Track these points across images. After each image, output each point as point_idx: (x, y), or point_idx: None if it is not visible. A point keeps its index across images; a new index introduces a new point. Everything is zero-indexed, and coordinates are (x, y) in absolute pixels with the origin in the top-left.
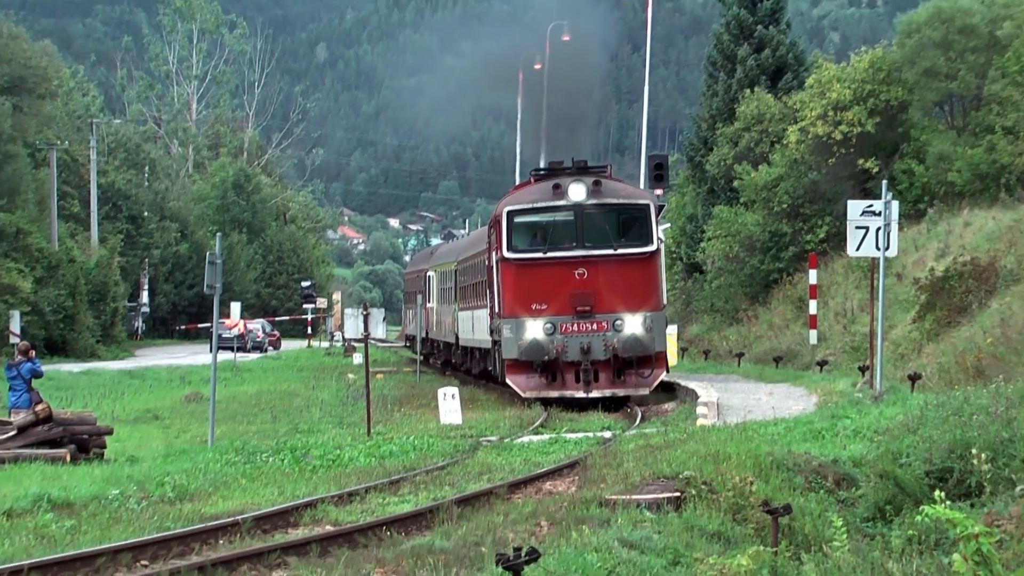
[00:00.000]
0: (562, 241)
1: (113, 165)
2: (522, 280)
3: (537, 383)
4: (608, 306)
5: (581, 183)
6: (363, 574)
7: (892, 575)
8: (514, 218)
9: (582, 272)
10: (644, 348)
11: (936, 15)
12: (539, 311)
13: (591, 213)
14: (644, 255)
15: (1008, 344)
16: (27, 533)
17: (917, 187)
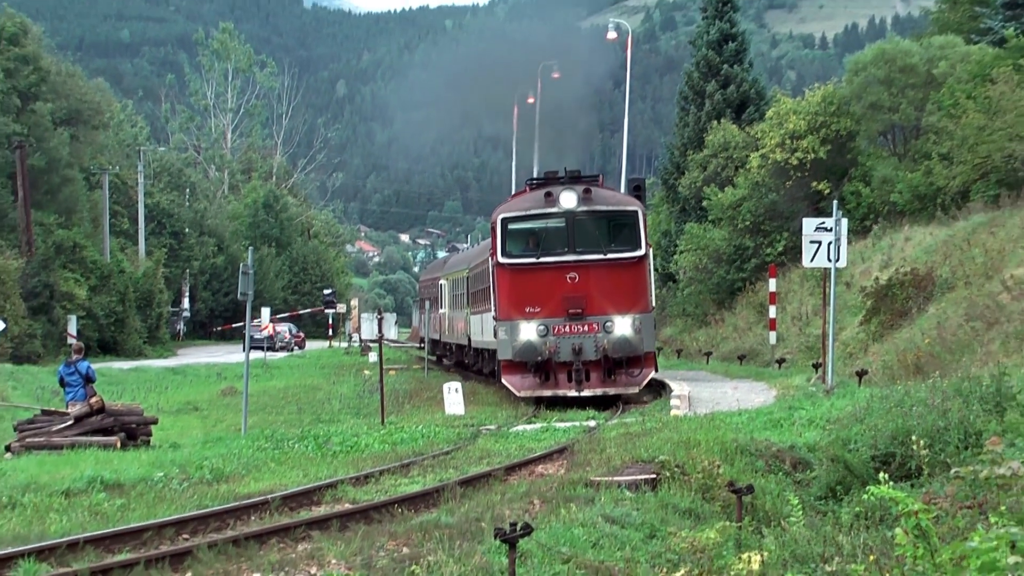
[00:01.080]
0: (554, 246)
1: (158, 187)
2: (516, 284)
3: (531, 383)
4: (599, 308)
5: (572, 191)
6: (378, 546)
7: (842, 547)
8: (508, 225)
9: (573, 276)
10: (633, 348)
11: (880, 55)
12: (533, 314)
13: (582, 220)
14: (633, 259)
15: (943, 344)
16: (83, 510)
17: (863, 206)
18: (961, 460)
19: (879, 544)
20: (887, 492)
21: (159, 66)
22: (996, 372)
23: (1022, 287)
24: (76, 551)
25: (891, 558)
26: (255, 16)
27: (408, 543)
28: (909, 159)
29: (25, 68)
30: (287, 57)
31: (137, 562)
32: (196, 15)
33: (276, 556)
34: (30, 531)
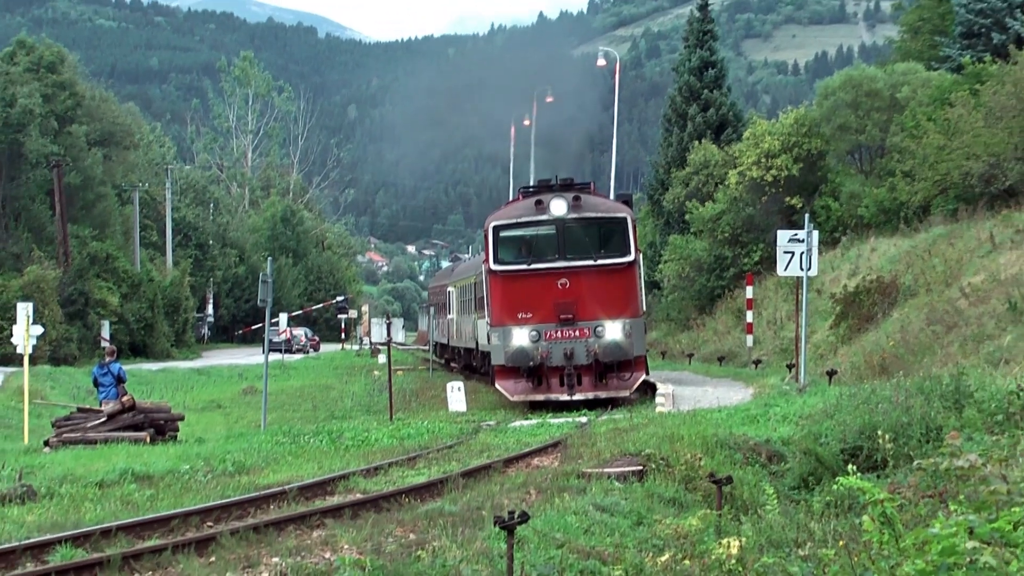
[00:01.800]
0: (545, 253)
1: (184, 203)
2: (508, 290)
3: (524, 387)
4: (589, 314)
5: (562, 198)
6: (386, 533)
7: (814, 533)
8: (500, 232)
9: (564, 282)
10: (623, 353)
11: (848, 81)
12: (525, 319)
13: (572, 226)
14: (622, 265)
15: (907, 346)
16: (115, 500)
17: (833, 220)
18: (923, 453)
19: (848, 530)
20: (855, 483)
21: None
22: (955, 372)
23: (978, 294)
24: (109, 537)
25: (859, 543)
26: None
27: (415, 530)
28: (875, 176)
29: (62, 93)
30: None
31: (165, 547)
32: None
33: (293, 542)
34: (67, 519)
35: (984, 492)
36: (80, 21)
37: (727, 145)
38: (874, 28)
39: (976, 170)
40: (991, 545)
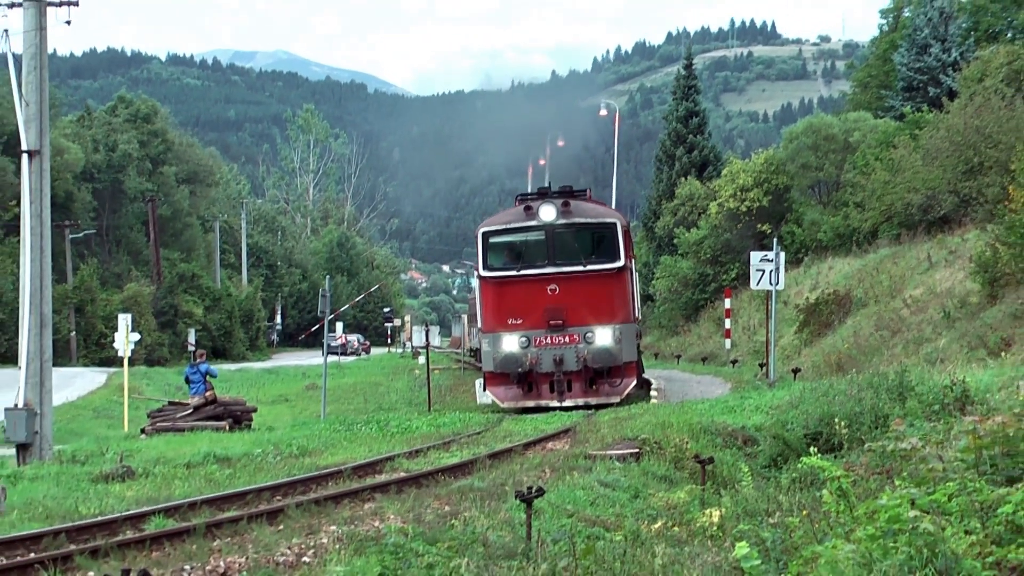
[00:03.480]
0: (535, 259)
1: (256, 231)
2: (499, 297)
3: (514, 393)
4: (579, 320)
5: (551, 204)
6: (426, 505)
7: (782, 504)
8: (489, 239)
9: (554, 288)
10: (614, 359)
11: (808, 127)
12: (515, 325)
13: (561, 232)
14: (612, 271)
15: (859, 348)
16: (200, 478)
17: (797, 243)
18: (872, 437)
19: (810, 502)
20: (816, 462)
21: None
22: (899, 370)
23: (918, 304)
24: (195, 509)
25: (820, 513)
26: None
27: (449, 502)
28: (831, 206)
29: (155, 140)
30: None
31: (241, 518)
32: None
33: (348, 513)
34: (159, 494)
35: (923, 470)
36: (170, 80)
37: (708, 181)
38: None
39: (916, 201)
40: (929, 514)
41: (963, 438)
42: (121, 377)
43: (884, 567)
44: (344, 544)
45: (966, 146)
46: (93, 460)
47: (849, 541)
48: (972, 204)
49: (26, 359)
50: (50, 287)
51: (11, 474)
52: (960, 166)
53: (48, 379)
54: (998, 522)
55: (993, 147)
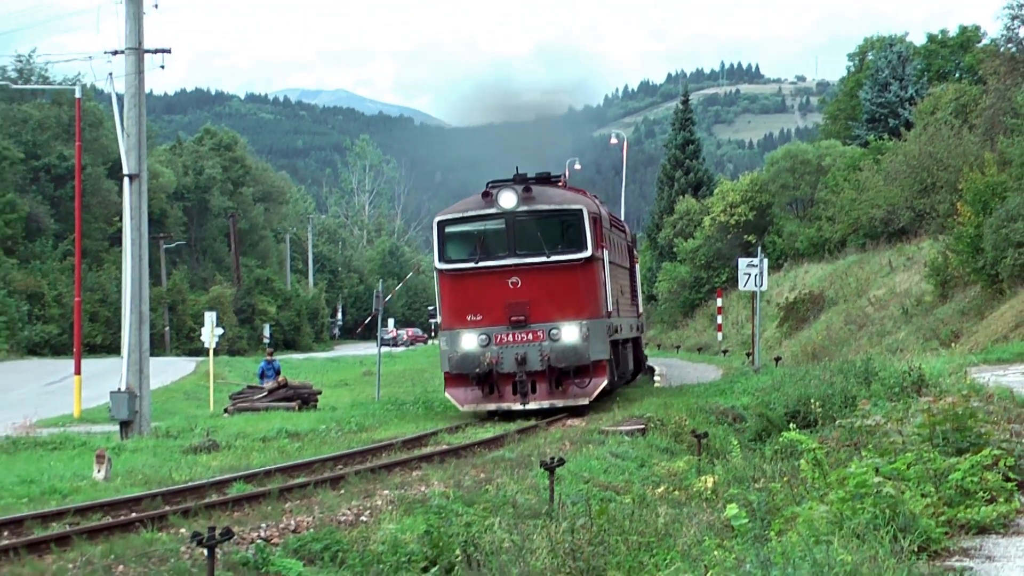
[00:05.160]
0: (495, 250)
1: (321, 241)
2: (456, 291)
3: (474, 396)
4: (543, 315)
5: (511, 190)
6: (464, 472)
7: (766, 472)
8: (445, 228)
9: (515, 281)
10: (580, 357)
11: (787, 153)
12: (475, 322)
13: (522, 220)
14: (578, 262)
15: (830, 340)
16: (273, 450)
17: (778, 251)
18: (843, 415)
19: (790, 470)
20: (795, 436)
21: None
22: (865, 358)
23: (881, 303)
24: (270, 476)
25: (798, 479)
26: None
27: (484, 470)
28: (807, 220)
29: (235, 165)
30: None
31: (309, 483)
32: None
33: (399, 479)
34: (240, 463)
35: (886, 443)
36: (248, 114)
37: (702, 199)
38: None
39: (878, 215)
40: (891, 480)
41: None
42: (207, 365)
43: (853, 525)
44: (395, 506)
45: (921, 169)
46: (184, 435)
47: (823, 503)
48: (926, 218)
49: (127, 350)
50: (147, 289)
51: (115, 447)
52: (916, 186)
53: (146, 367)
54: (949, 487)
55: (944, 170)
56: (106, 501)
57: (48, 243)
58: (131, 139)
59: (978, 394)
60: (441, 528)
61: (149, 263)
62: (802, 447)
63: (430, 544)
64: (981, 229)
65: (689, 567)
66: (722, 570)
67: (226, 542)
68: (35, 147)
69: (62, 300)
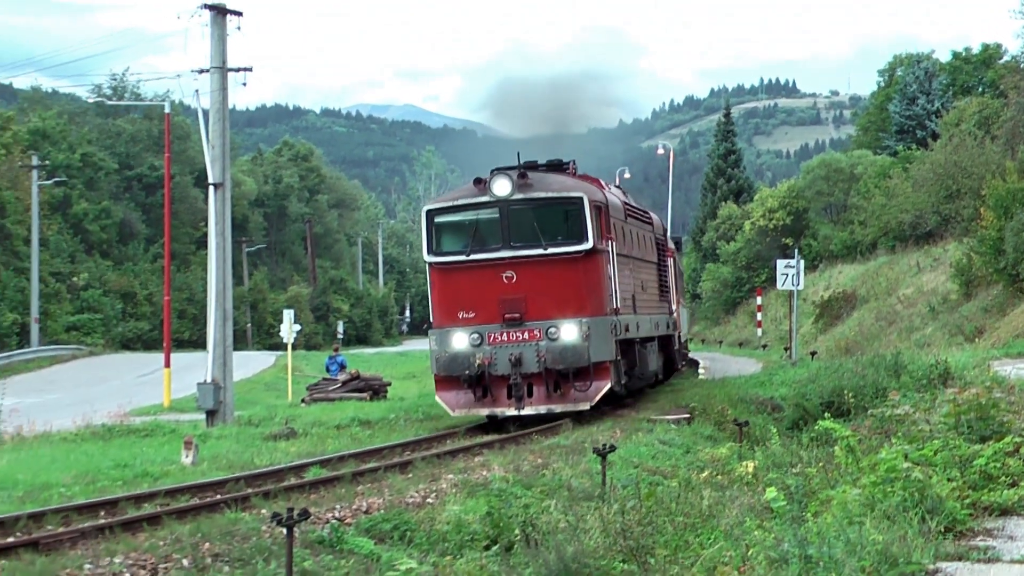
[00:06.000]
0: (488, 242)
1: (390, 244)
2: (447, 286)
3: (466, 400)
4: (540, 313)
5: (506, 177)
6: (522, 458)
7: (803, 458)
8: (434, 218)
9: (510, 275)
10: (580, 358)
11: (822, 162)
12: (466, 320)
13: (518, 209)
14: (578, 254)
15: (862, 335)
16: (347, 437)
17: (813, 252)
18: (874, 405)
19: (825, 456)
20: (829, 424)
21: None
22: (894, 352)
23: (909, 300)
24: (343, 461)
25: (832, 464)
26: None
27: (541, 456)
28: (840, 224)
29: (311, 174)
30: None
31: (379, 468)
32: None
33: (462, 464)
34: (316, 449)
35: (914, 431)
36: (323, 128)
37: (743, 205)
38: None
39: (907, 219)
40: (919, 465)
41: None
42: (286, 359)
43: (884, 507)
44: (459, 489)
45: (946, 177)
46: (264, 423)
47: (856, 487)
48: (951, 222)
49: (213, 344)
50: (231, 289)
51: (202, 434)
52: (942, 192)
53: (229, 360)
54: (973, 471)
55: (967, 177)
56: (193, 484)
57: (140, 246)
58: (215, 150)
59: (1000, 386)
60: (501, 509)
61: (232, 265)
62: (836, 435)
63: (491, 524)
64: (1003, 232)
65: (731, 546)
66: (762, 548)
67: (303, 522)
68: (128, 158)
69: (152, 299)
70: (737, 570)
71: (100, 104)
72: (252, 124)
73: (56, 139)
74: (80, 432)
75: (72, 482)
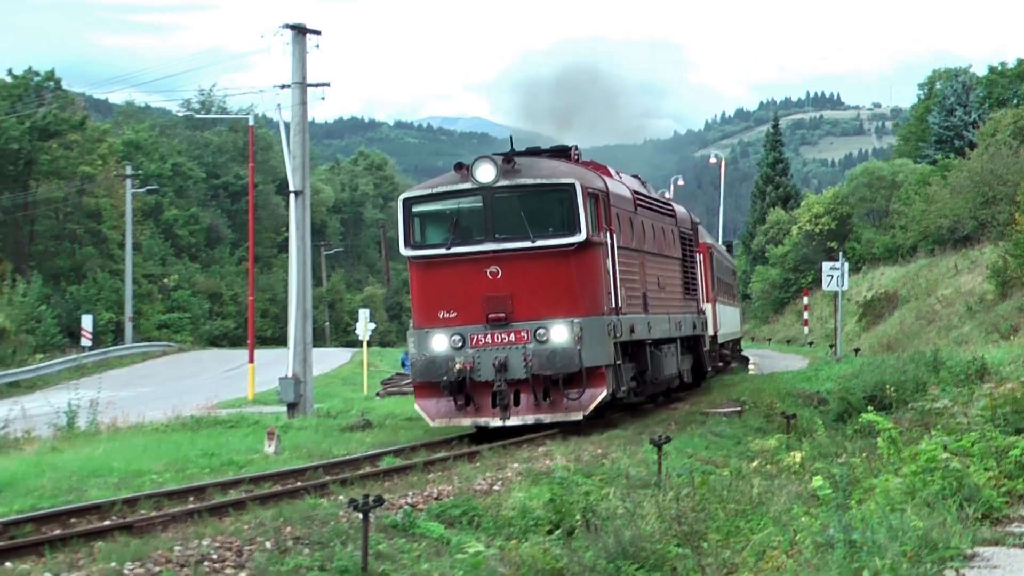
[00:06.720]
0: (470, 234)
1: None
2: (426, 283)
3: (446, 408)
4: (528, 312)
5: (489, 161)
6: (583, 448)
7: (847, 449)
8: (412, 207)
9: (495, 271)
10: (571, 363)
11: (865, 171)
12: (447, 320)
13: (503, 197)
14: (570, 247)
15: (903, 333)
16: (418, 428)
17: (857, 255)
18: (915, 399)
19: (868, 447)
20: (872, 417)
21: None
22: (933, 349)
23: (948, 301)
24: (415, 451)
25: (875, 455)
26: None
27: (600, 447)
28: (882, 228)
29: (385, 182)
30: None
31: (449, 457)
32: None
33: (526, 454)
34: (389, 439)
35: (953, 423)
36: (396, 139)
37: (791, 210)
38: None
39: (945, 224)
40: (957, 456)
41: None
42: (361, 355)
43: (924, 495)
44: (524, 477)
45: (983, 184)
46: (342, 415)
47: (897, 476)
48: (988, 226)
49: (293, 342)
50: (310, 289)
51: (283, 425)
52: (978, 198)
53: (309, 356)
54: (1009, 462)
55: (1003, 184)
56: (275, 472)
57: (226, 250)
58: (296, 160)
59: None
60: (563, 496)
61: (311, 267)
62: (879, 427)
63: (554, 510)
64: None
65: (780, 531)
66: (809, 534)
67: (378, 508)
68: (215, 168)
69: (237, 299)
70: (785, 554)
71: (189, 117)
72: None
73: (148, 150)
74: (170, 423)
75: (163, 469)
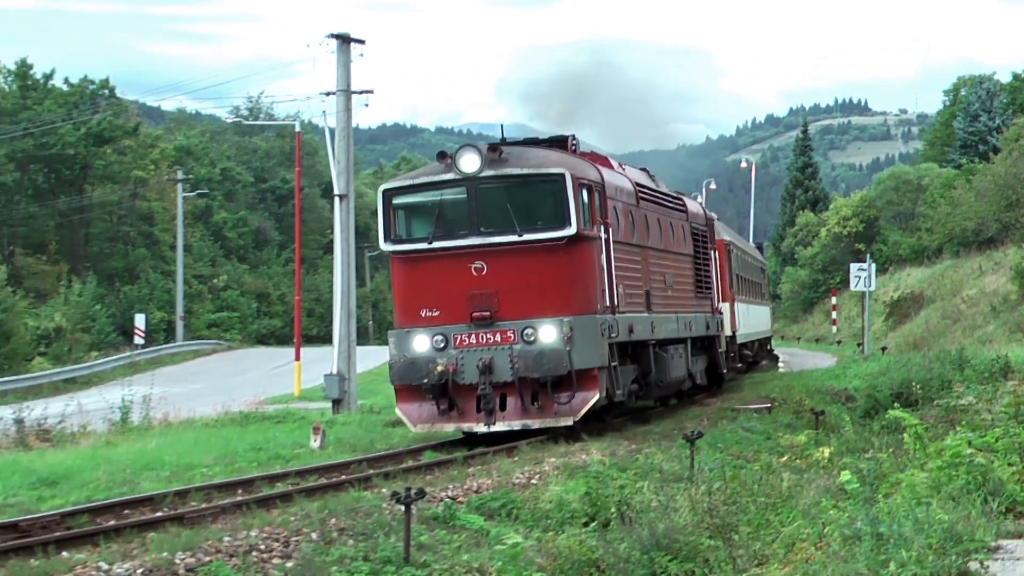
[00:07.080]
0: (453, 227)
1: None
2: (408, 280)
3: (428, 413)
4: (515, 311)
5: (474, 150)
6: (618, 443)
7: (874, 444)
8: (392, 199)
9: (480, 267)
10: (560, 365)
11: (892, 175)
12: (429, 319)
13: (489, 188)
14: (560, 241)
15: (929, 332)
16: None
17: (884, 257)
18: (940, 396)
19: (895, 442)
20: (899, 414)
21: None
22: (958, 348)
23: (972, 301)
24: (456, 446)
25: (901, 450)
26: None
27: (635, 442)
28: (909, 230)
29: None
30: None
31: (488, 452)
32: None
33: (563, 449)
34: (430, 435)
35: (977, 419)
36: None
37: (819, 213)
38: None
39: (970, 227)
40: (982, 451)
41: (1006, 397)
42: None
43: (949, 489)
44: (560, 471)
45: (1007, 187)
46: (385, 411)
47: (923, 471)
48: (1011, 229)
49: (338, 340)
50: (354, 289)
51: (328, 420)
52: (1002, 202)
53: (353, 354)
54: None
55: None
56: (321, 465)
57: (273, 251)
58: (341, 165)
59: None
60: (599, 490)
61: (355, 268)
62: (905, 423)
63: (590, 503)
64: None
65: (809, 524)
66: (837, 527)
67: (420, 500)
68: (263, 172)
69: (284, 299)
70: (814, 546)
71: (238, 124)
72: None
73: (199, 155)
74: (220, 418)
75: (213, 463)
